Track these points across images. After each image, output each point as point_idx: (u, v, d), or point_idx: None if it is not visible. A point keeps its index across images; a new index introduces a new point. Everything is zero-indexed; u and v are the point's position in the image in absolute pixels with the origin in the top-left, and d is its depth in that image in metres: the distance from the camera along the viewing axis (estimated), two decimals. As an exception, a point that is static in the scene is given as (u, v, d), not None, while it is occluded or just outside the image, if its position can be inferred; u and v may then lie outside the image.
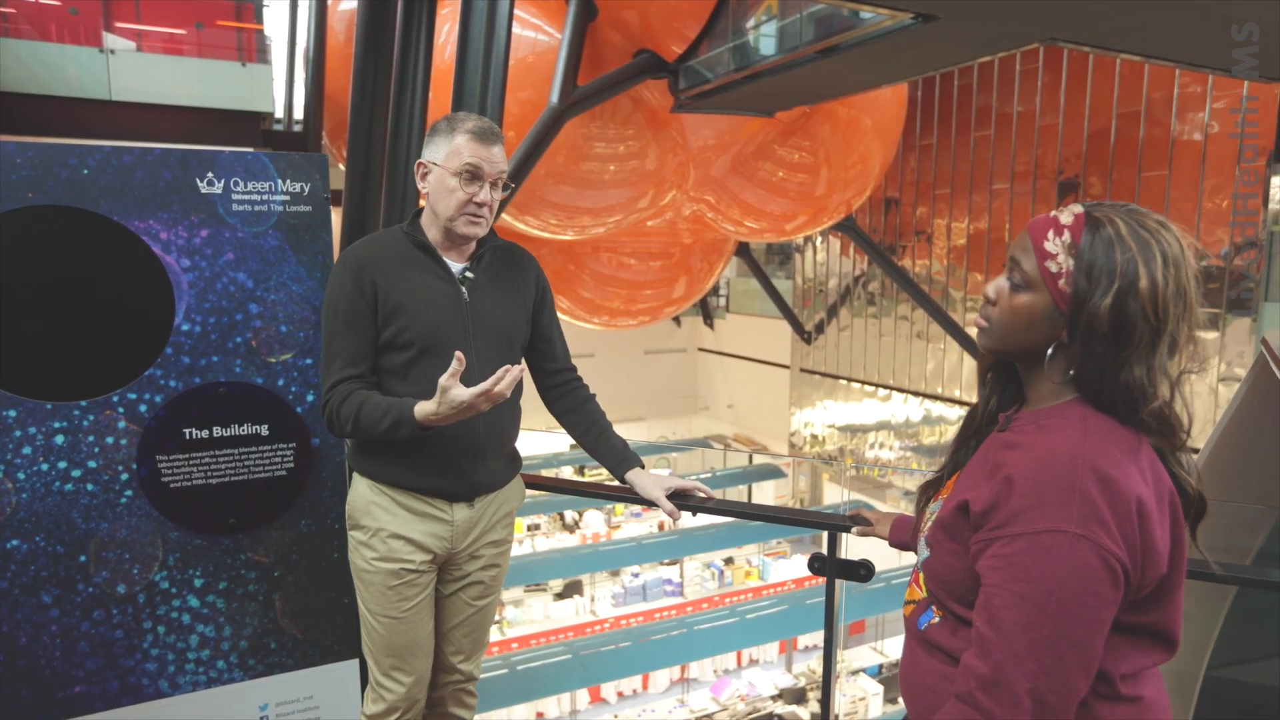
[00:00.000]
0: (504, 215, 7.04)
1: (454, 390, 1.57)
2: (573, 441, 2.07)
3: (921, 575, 1.18)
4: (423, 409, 1.62)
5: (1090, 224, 1.03)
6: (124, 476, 1.93)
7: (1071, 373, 1.06)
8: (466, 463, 1.78)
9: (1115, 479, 0.97)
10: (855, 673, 8.36)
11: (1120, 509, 0.96)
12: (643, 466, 1.98)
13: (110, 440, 1.90)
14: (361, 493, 1.81)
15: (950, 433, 10.31)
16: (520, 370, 1.63)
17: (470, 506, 1.82)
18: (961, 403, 10.09)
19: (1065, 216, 1.06)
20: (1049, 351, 1.06)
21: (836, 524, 1.87)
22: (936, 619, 1.14)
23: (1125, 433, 1.03)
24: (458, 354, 1.56)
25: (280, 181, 2.03)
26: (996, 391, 1.21)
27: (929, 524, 1.19)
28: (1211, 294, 7.41)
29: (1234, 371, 7.36)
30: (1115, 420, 1.03)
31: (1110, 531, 0.96)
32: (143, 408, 1.93)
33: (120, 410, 1.91)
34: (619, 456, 1.96)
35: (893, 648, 8.94)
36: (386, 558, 1.78)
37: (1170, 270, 1.00)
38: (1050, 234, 1.06)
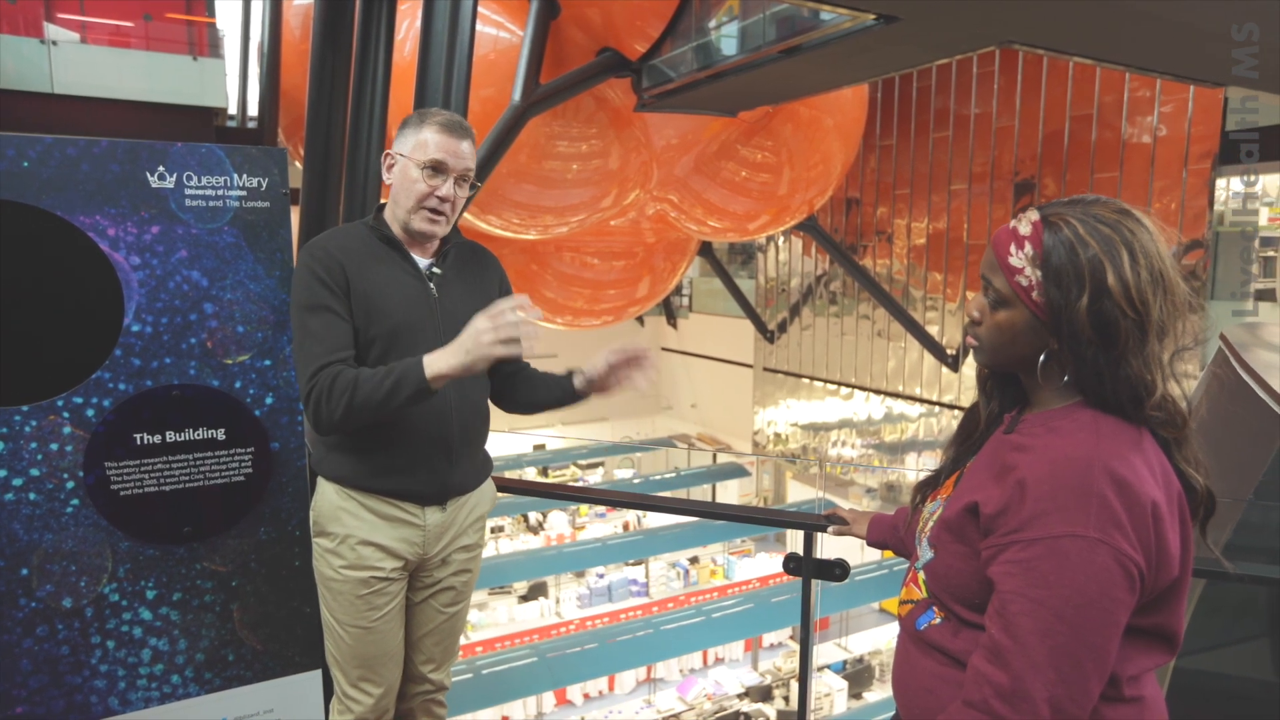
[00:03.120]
0: (466, 214, 6.95)
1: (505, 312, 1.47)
2: (537, 442, 2.01)
3: (921, 576, 1.15)
4: (433, 357, 1.50)
5: (1048, 229, 1.01)
6: (69, 485, 1.84)
7: (1067, 378, 1.04)
8: (440, 463, 1.72)
9: (1131, 482, 0.95)
10: (820, 669, 8.40)
11: (1136, 513, 0.95)
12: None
13: (54, 447, 1.81)
14: (328, 498, 1.74)
15: (911, 430, 10.43)
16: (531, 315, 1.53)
17: (443, 510, 1.76)
18: (922, 400, 10.21)
19: (1023, 226, 1.04)
20: (1040, 360, 1.05)
21: (812, 524, 1.85)
22: (938, 620, 1.11)
23: (1132, 431, 1.01)
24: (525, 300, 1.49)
25: (236, 176, 1.95)
26: (997, 394, 1.18)
27: (930, 524, 1.16)
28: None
29: (1184, 367, 7.53)
30: (1122, 419, 1.02)
31: (1128, 535, 0.94)
32: (90, 412, 1.84)
33: (65, 415, 1.82)
34: (561, 377, 1.84)
35: (857, 644, 9.01)
36: (355, 565, 1.71)
37: (1140, 259, 0.98)
38: (1012, 248, 1.04)
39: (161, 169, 1.87)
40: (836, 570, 1.91)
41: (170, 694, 1.99)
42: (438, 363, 1.50)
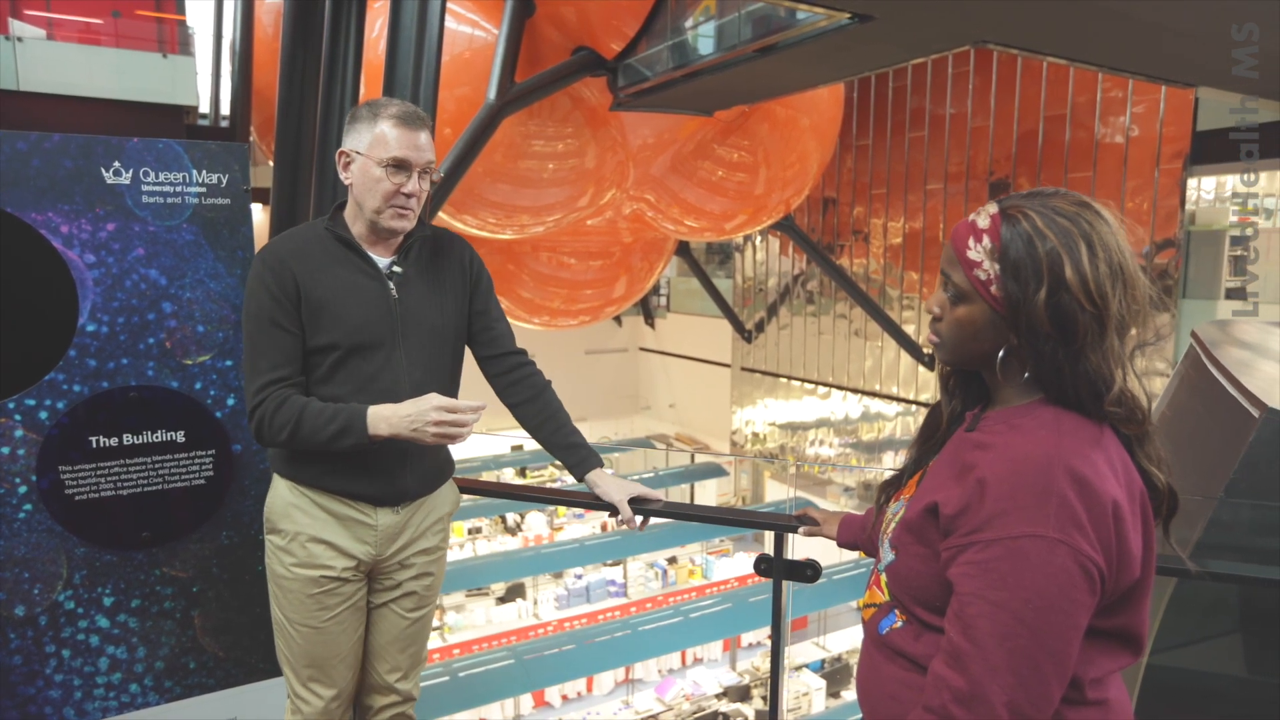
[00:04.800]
0: (441, 214, 6.89)
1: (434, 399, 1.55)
2: (514, 443, 1.98)
3: (883, 578, 1.13)
4: (378, 415, 1.55)
5: (1006, 222, 0.99)
6: (22, 489, 1.78)
7: (1027, 374, 1.02)
8: (395, 466, 1.69)
9: (1091, 481, 0.93)
10: (798, 668, 8.41)
11: (1097, 512, 0.93)
12: (603, 465, 1.85)
13: (5, 450, 1.76)
14: (280, 495, 1.71)
15: (888, 429, 10.48)
16: (478, 413, 1.57)
17: (395, 512, 1.73)
18: (899, 399, 10.26)
19: (982, 220, 1.02)
20: (999, 356, 1.03)
21: (783, 524, 1.83)
22: (899, 623, 1.09)
23: (1094, 429, 0.99)
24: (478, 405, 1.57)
25: (195, 172, 1.91)
26: (959, 393, 1.16)
27: (892, 525, 1.14)
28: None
29: (1154, 365, 7.62)
30: (1083, 416, 1.00)
31: (1088, 536, 0.92)
32: (43, 414, 1.79)
33: (17, 418, 1.76)
34: (578, 456, 1.82)
35: (835, 643, 9.03)
36: (306, 564, 1.68)
37: (1099, 252, 0.96)
38: (971, 241, 1.02)
39: (117, 165, 1.82)
40: (808, 571, 1.89)
41: (129, 703, 1.94)
42: (380, 425, 1.56)
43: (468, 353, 1.86)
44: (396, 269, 1.69)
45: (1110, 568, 0.94)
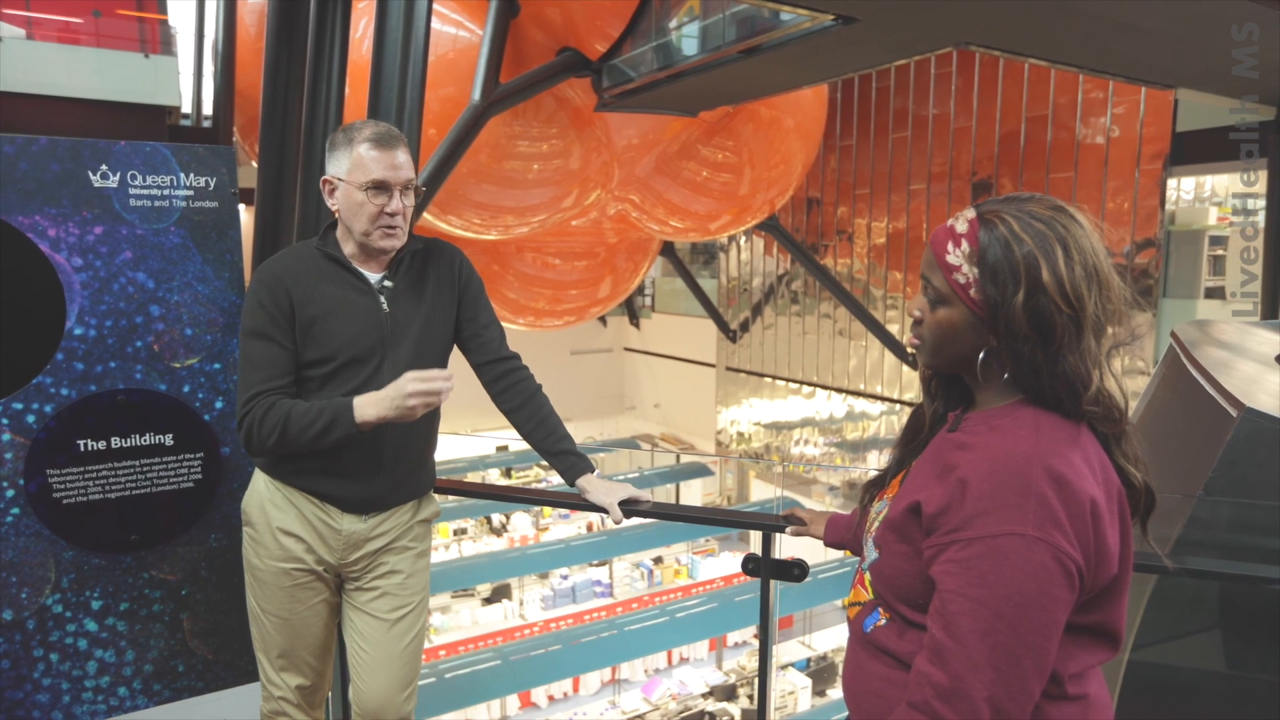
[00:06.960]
0: (426, 215, 6.88)
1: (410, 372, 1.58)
2: (499, 444, 2.01)
3: (867, 577, 1.15)
4: (363, 402, 1.59)
5: (984, 227, 1.02)
6: (9, 493, 1.78)
7: (1007, 375, 1.04)
8: (365, 473, 1.71)
9: (1070, 479, 0.95)
10: (784, 667, 8.45)
11: (1075, 510, 0.95)
12: (593, 470, 1.90)
13: (-7, 454, 1.75)
14: (257, 489, 1.75)
15: (873, 428, 10.54)
16: (450, 380, 1.61)
17: (362, 520, 1.74)
18: (884, 399, 10.31)
19: (960, 224, 1.04)
20: (979, 358, 1.05)
21: (770, 524, 1.85)
22: (883, 621, 1.11)
23: (1072, 428, 1.01)
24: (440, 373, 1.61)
25: (183, 175, 1.91)
26: (941, 394, 1.18)
27: (876, 525, 1.16)
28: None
29: (1135, 364, 7.70)
30: (1061, 416, 1.02)
31: (1066, 533, 0.94)
32: (30, 418, 1.78)
33: (4, 421, 1.76)
34: (567, 462, 1.88)
35: (821, 642, 9.07)
36: (279, 557, 1.72)
37: (1074, 255, 0.99)
38: (950, 245, 1.04)
39: (104, 168, 1.82)
40: (795, 571, 1.91)
41: (117, 707, 1.93)
42: (366, 410, 1.60)
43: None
44: (387, 283, 1.73)
45: (1088, 564, 0.96)
